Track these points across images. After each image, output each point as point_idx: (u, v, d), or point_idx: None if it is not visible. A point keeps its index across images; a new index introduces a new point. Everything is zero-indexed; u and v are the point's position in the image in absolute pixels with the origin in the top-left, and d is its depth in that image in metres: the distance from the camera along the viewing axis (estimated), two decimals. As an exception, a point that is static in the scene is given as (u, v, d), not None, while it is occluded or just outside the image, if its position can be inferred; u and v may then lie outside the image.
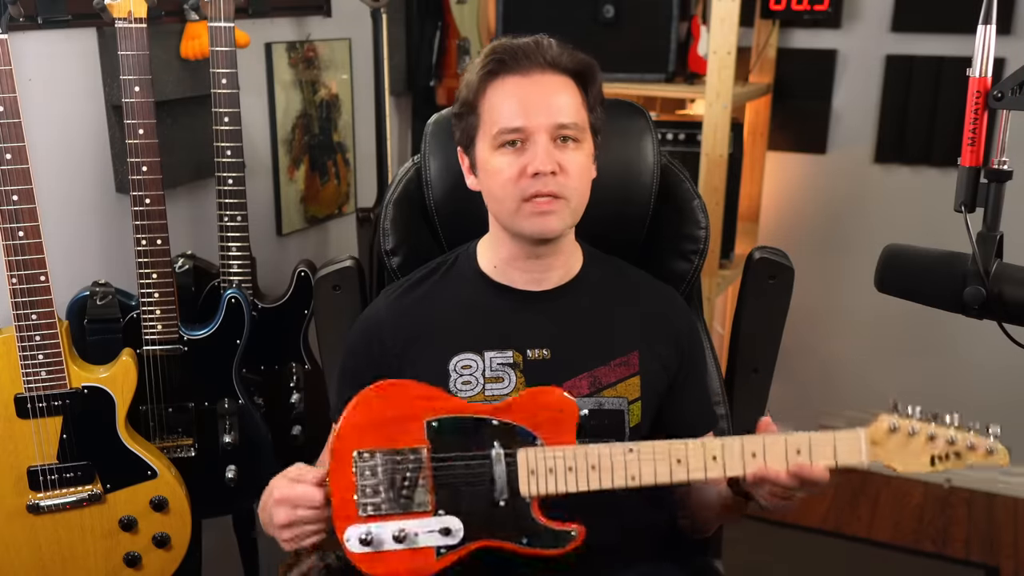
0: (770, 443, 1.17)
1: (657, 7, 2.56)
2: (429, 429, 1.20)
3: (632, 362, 1.36)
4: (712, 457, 1.18)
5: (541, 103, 1.27)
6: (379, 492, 1.19)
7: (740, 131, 2.63)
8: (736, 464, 1.17)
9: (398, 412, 1.21)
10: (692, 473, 1.18)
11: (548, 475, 1.19)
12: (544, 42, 1.30)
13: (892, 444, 1.16)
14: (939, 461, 1.15)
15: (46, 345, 1.55)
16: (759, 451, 1.17)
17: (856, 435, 1.16)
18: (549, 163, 1.25)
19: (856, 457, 1.16)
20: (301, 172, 2.38)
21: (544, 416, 1.22)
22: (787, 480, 1.16)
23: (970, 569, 2.69)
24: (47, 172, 1.73)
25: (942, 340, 2.96)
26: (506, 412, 1.22)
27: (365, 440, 1.20)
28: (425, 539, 1.18)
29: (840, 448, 1.16)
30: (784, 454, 1.16)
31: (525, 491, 1.19)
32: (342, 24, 2.44)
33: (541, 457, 1.19)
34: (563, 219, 1.29)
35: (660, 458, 1.18)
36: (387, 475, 1.19)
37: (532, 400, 1.23)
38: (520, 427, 1.21)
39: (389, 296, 1.42)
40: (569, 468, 1.19)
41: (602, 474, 1.19)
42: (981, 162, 1.12)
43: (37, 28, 1.67)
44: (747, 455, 1.17)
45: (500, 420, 1.21)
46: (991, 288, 1.11)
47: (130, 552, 1.70)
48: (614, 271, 1.45)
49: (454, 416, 1.22)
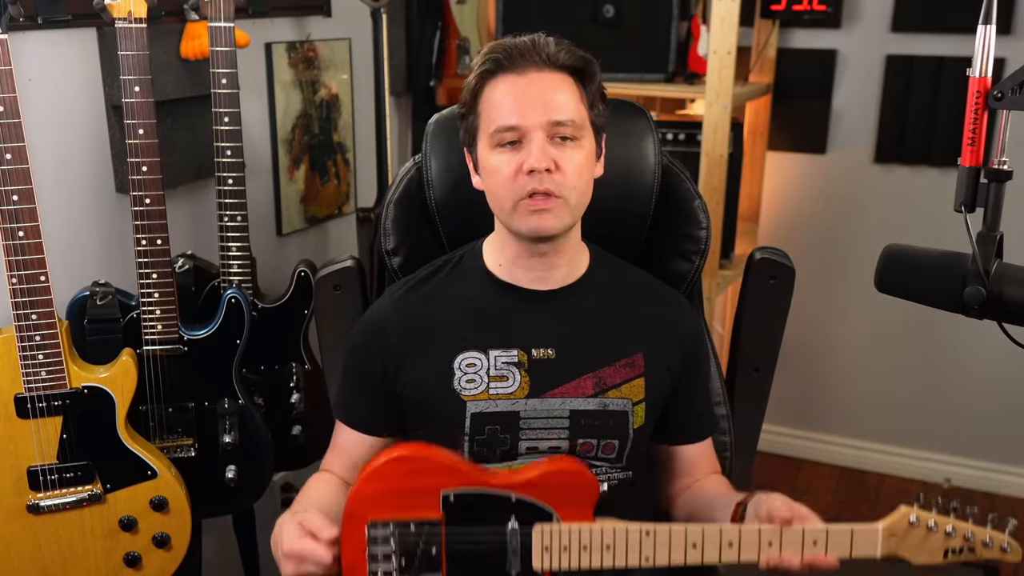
0: (787, 535, 1.16)
1: (657, 7, 2.56)
2: (445, 502, 1.20)
3: (637, 363, 1.36)
4: (728, 543, 1.18)
5: (537, 101, 1.26)
6: (391, 561, 1.18)
7: (740, 131, 2.63)
8: (751, 552, 1.17)
9: (414, 482, 1.20)
10: (707, 557, 1.18)
11: (562, 552, 1.19)
12: (541, 40, 1.30)
13: (910, 539, 1.16)
14: (952, 555, 1.16)
15: (46, 345, 1.55)
16: (775, 541, 1.17)
17: (874, 529, 1.16)
18: (544, 160, 1.25)
19: (871, 551, 1.16)
20: (301, 172, 2.38)
21: (564, 492, 1.21)
22: (799, 568, 1.17)
23: (970, 569, 2.68)
24: (47, 172, 1.73)
25: (942, 340, 2.96)
26: (525, 487, 1.21)
27: (379, 508, 1.19)
28: None
29: (857, 542, 1.16)
30: (800, 545, 1.16)
31: (537, 566, 1.19)
32: (342, 24, 2.44)
33: (556, 533, 1.19)
34: (560, 218, 1.28)
35: (676, 542, 1.18)
36: (400, 546, 1.18)
37: (553, 473, 1.23)
38: (538, 504, 1.21)
39: (394, 294, 1.42)
40: (584, 547, 1.19)
41: (616, 554, 1.18)
42: (981, 162, 1.12)
43: (37, 28, 1.67)
44: (763, 543, 1.17)
45: (518, 496, 1.21)
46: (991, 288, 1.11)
47: (130, 552, 1.70)
48: (620, 272, 1.45)
49: (471, 490, 1.21)
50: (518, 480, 1.22)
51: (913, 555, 1.16)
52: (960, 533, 1.15)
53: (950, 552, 1.15)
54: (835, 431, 3.18)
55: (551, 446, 1.33)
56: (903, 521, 1.15)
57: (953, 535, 1.15)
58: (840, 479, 3.12)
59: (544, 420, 1.32)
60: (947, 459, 3.07)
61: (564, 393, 1.33)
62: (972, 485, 3.06)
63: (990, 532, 1.15)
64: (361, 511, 1.19)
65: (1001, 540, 1.14)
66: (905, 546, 1.16)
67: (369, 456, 1.41)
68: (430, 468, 1.21)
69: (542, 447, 1.33)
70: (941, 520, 1.15)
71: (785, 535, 1.16)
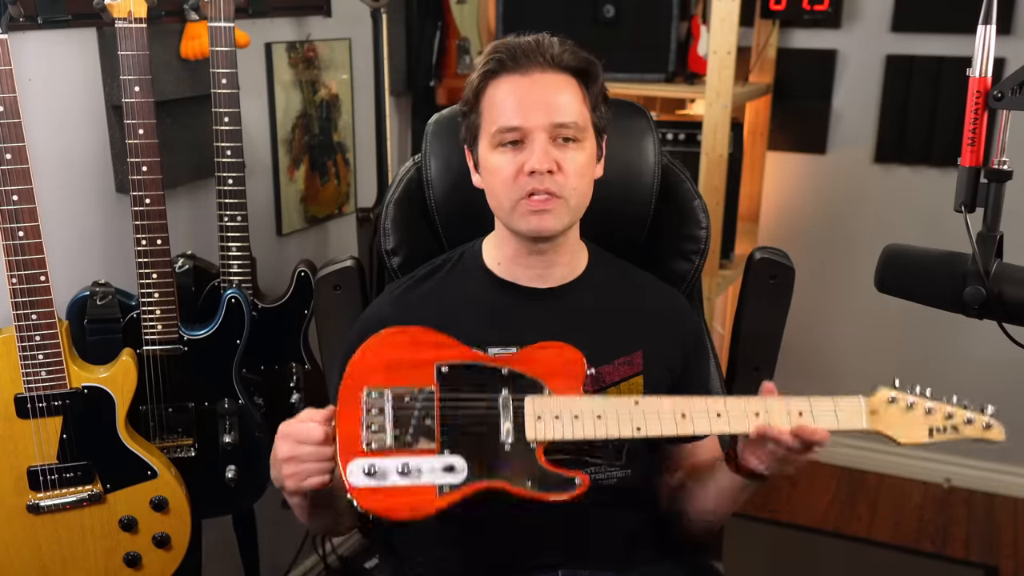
0: (773, 405, 1.19)
1: (657, 7, 2.56)
2: (439, 373, 1.22)
3: (636, 361, 1.36)
4: (716, 414, 1.20)
5: (540, 102, 1.27)
6: (385, 428, 1.19)
7: (740, 131, 2.63)
8: (740, 422, 1.19)
9: (408, 356, 1.23)
10: (697, 427, 1.20)
11: (554, 422, 1.20)
12: (545, 41, 1.30)
13: (891, 415, 1.19)
14: (937, 433, 1.18)
15: (46, 345, 1.55)
16: (762, 411, 1.19)
17: (856, 401, 1.19)
18: (546, 162, 1.25)
19: (857, 422, 1.19)
20: (301, 172, 2.38)
21: (553, 368, 1.24)
22: (789, 440, 1.17)
23: (970, 569, 2.69)
24: (47, 172, 1.73)
25: (942, 340, 2.96)
26: (516, 362, 1.24)
27: (374, 380, 1.21)
28: (428, 476, 1.18)
29: (841, 412, 1.19)
30: (787, 415, 1.19)
31: (531, 435, 1.20)
32: (342, 24, 2.44)
33: (548, 404, 1.21)
34: (560, 218, 1.29)
35: (665, 412, 1.20)
36: (394, 412, 1.20)
37: (542, 352, 1.25)
38: (529, 377, 1.23)
39: (393, 292, 1.42)
40: (575, 416, 1.20)
41: (608, 423, 1.20)
42: (981, 162, 1.12)
43: (37, 28, 1.67)
44: (749, 415, 1.19)
45: (510, 369, 1.23)
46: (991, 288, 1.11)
47: (130, 552, 1.70)
48: (619, 272, 1.45)
49: (464, 362, 1.24)
50: (510, 358, 1.26)
51: (898, 433, 1.18)
52: (940, 411, 1.18)
53: (934, 431, 1.18)
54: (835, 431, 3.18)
55: (550, 444, 1.33)
56: (883, 397, 1.19)
57: (934, 413, 1.18)
58: (840, 479, 3.12)
59: (543, 418, 1.32)
60: (947, 459, 3.07)
61: None
62: (972, 485, 3.06)
63: (970, 411, 1.18)
64: (356, 384, 1.21)
65: (983, 419, 1.17)
66: (889, 423, 1.19)
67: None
68: (425, 343, 1.24)
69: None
70: (919, 400, 1.19)
71: (771, 406, 1.19)
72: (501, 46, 1.31)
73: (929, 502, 3.00)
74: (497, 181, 1.29)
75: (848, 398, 1.20)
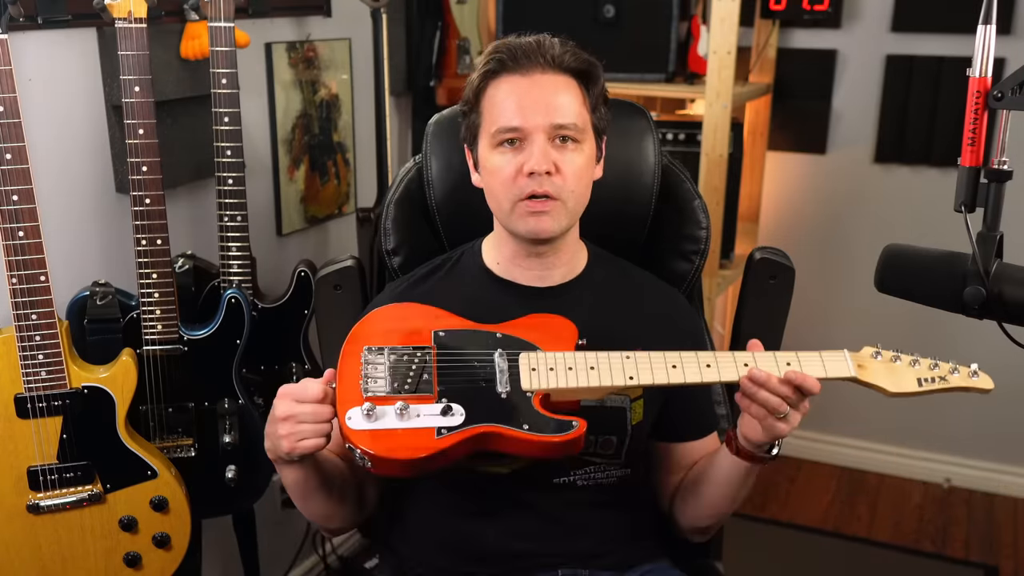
0: (760, 356, 1.22)
1: (657, 7, 2.56)
2: (436, 337, 1.26)
3: (635, 360, 1.36)
4: (707, 364, 1.22)
5: (539, 103, 1.27)
6: (384, 378, 1.22)
7: (740, 131, 2.63)
8: (730, 370, 1.21)
9: (408, 324, 1.28)
10: (688, 377, 1.22)
11: (548, 373, 1.22)
12: (546, 41, 1.30)
13: (877, 368, 1.21)
14: (925, 383, 1.20)
15: (46, 345, 1.55)
16: (750, 362, 1.21)
17: (840, 353, 1.22)
18: (544, 163, 1.25)
19: (844, 370, 1.21)
20: (301, 172, 2.38)
21: (546, 333, 1.28)
22: (780, 387, 1.17)
23: (970, 569, 2.69)
24: (47, 172, 1.73)
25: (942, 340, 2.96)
26: (508, 327, 1.28)
27: (374, 341, 1.25)
28: (427, 419, 1.19)
29: (828, 363, 1.21)
30: (775, 365, 1.21)
31: (527, 385, 1.22)
32: (342, 24, 2.44)
33: (542, 358, 1.24)
34: (558, 220, 1.29)
35: (656, 362, 1.23)
36: (392, 366, 1.23)
37: (535, 319, 1.30)
38: (523, 339, 1.27)
39: (394, 291, 1.43)
40: (569, 367, 1.23)
41: (601, 373, 1.22)
42: (981, 162, 1.12)
43: (37, 28, 1.67)
44: (739, 365, 1.21)
45: (504, 333, 1.27)
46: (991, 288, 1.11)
47: (130, 552, 1.70)
48: (619, 271, 1.45)
49: (460, 328, 1.28)
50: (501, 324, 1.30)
51: (888, 383, 1.20)
52: (925, 363, 1.21)
53: (922, 380, 1.20)
54: (835, 431, 3.18)
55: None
56: (866, 353, 1.22)
57: (919, 365, 1.21)
58: (840, 479, 3.12)
59: (543, 417, 1.33)
60: (947, 459, 3.07)
61: None
62: (972, 485, 3.06)
63: (954, 364, 1.21)
64: (356, 347, 1.25)
65: (967, 369, 1.21)
66: (876, 375, 1.21)
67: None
68: (423, 314, 1.30)
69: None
70: (904, 355, 1.22)
71: (758, 358, 1.22)
72: (502, 46, 1.31)
73: (929, 502, 3.00)
74: (496, 181, 1.29)
75: (833, 352, 1.22)
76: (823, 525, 2.88)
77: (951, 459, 3.07)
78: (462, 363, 1.24)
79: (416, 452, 1.17)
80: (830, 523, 2.89)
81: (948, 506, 2.98)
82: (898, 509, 2.95)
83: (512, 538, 1.35)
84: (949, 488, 3.07)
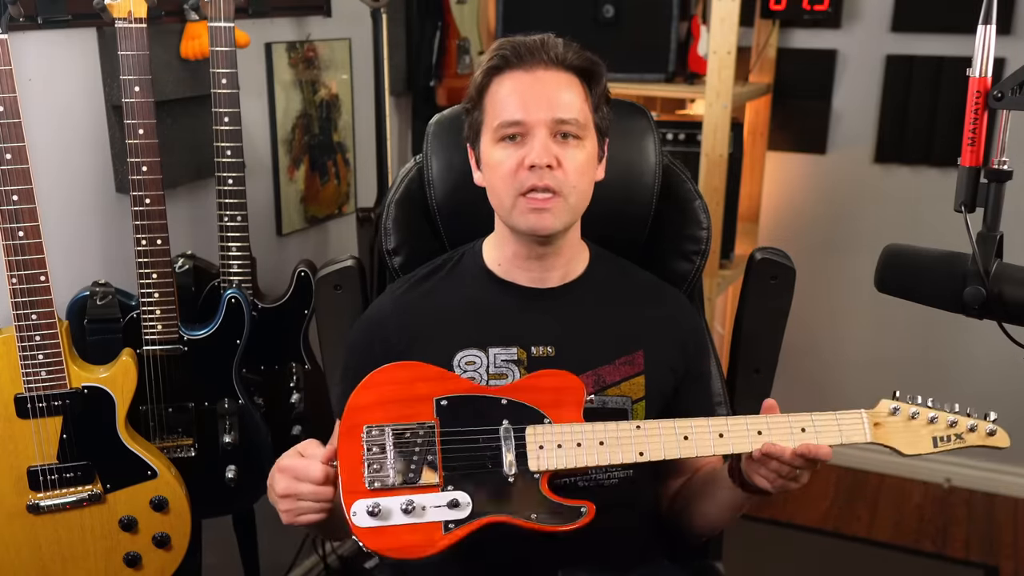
0: (774, 423, 1.19)
1: (657, 7, 2.56)
2: (438, 407, 1.22)
3: (637, 361, 1.36)
4: (719, 435, 1.20)
5: (542, 98, 1.27)
6: (387, 466, 1.18)
7: (740, 131, 2.63)
8: (743, 442, 1.19)
9: (407, 391, 1.22)
10: (699, 450, 1.20)
11: (557, 450, 1.19)
12: (550, 40, 1.30)
13: (894, 426, 1.19)
14: (941, 442, 1.19)
15: (46, 345, 1.55)
16: (764, 430, 1.19)
17: (858, 415, 1.20)
18: (546, 156, 1.25)
19: (860, 435, 1.19)
20: (301, 172, 2.38)
21: (552, 396, 1.23)
22: (792, 458, 1.17)
23: (970, 569, 2.69)
24: (47, 172, 1.73)
25: (942, 340, 2.96)
26: (514, 392, 1.24)
27: (374, 418, 1.21)
28: (433, 513, 1.17)
29: (844, 427, 1.19)
30: (789, 433, 1.19)
31: (534, 466, 1.19)
32: (342, 24, 2.44)
33: (550, 433, 1.20)
34: (559, 216, 1.29)
35: (667, 435, 1.20)
36: (396, 449, 1.19)
37: (540, 381, 1.25)
38: (529, 406, 1.23)
39: (394, 292, 1.42)
40: (578, 444, 1.20)
41: (611, 450, 1.20)
42: (981, 162, 1.11)
43: (37, 28, 1.67)
44: (752, 433, 1.19)
45: (509, 399, 1.23)
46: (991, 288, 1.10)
47: (130, 552, 1.70)
48: (620, 271, 1.45)
49: (463, 395, 1.23)
50: (508, 388, 1.25)
51: (902, 445, 1.19)
52: (943, 420, 1.18)
53: (938, 440, 1.18)
54: (835, 431, 3.17)
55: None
56: (885, 408, 1.20)
57: (936, 422, 1.18)
58: (840, 479, 3.12)
59: (544, 418, 1.32)
60: (947, 459, 3.07)
61: None
62: (972, 485, 3.06)
63: (972, 419, 1.18)
64: (356, 422, 1.21)
65: (985, 425, 1.18)
66: (892, 435, 1.19)
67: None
68: (422, 377, 1.24)
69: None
70: (922, 409, 1.19)
71: (772, 424, 1.19)
72: (506, 44, 1.31)
73: (929, 502, 3.00)
74: (497, 176, 1.29)
75: (850, 413, 1.20)
76: (823, 525, 2.88)
77: (951, 459, 3.07)
78: (467, 441, 1.21)
79: (424, 551, 1.17)
80: (830, 523, 2.89)
81: (948, 506, 2.98)
82: (898, 509, 2.95)
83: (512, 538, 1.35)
84: (949, 488, 3.07)
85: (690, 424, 1.20)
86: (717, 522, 1.40)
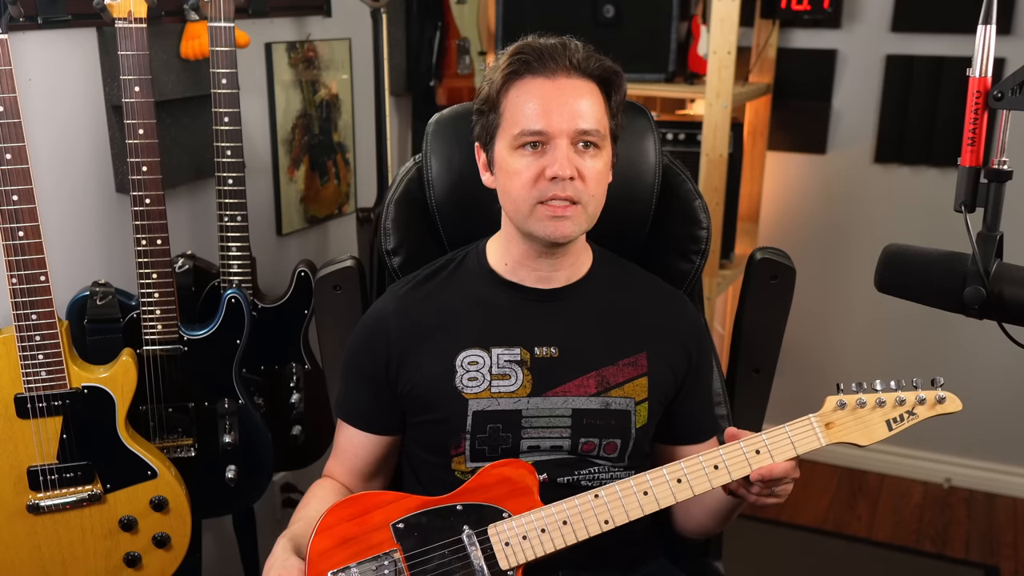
0: (728, 454, 1.19)
1: (657, 7, 2.56)
2: (396, 532, 1.21)
3: (640, 363, 1.36)
4: (677, 480, 1.20)
5: (564, 107, 1.26)
6: None
7: (740, 131, 2.63)
8: (702, 482, 1.19)
9: (362, 525, 1.21)
10: (662, 501, 1.20)
11: (523, 543, 1.20)
12: (572, 45, 1.29)
13: (845, 421, 1.20)
14: (895, 424, 1.19)
15: (46, 345, 1.55)
16: (720, 464, 1.20)
17: (807, 422, 1.21)
18: (569, 168, 1.25)
19: (814, 442, 1.20)
20: (301, 172, 2.38)
21: (505, 489, 1.23)
22: (754, 486, 1.19)
23: (970, 569, 2.69)
24: (47, 172, 1.73)
25: (942, 340, 2.96)
26: (466, 495, 1.23)
27: (336, 561, 1.19)
28: None
29: (796, 439, 1.20)
30: (745, 460, 1.19)
31: (505, 564, 1.20)
32: (342, 24, 2.44)
33: (512, 528, 1.20)
34: (578, 224, 1.29)
35: (627, 495, 1.20)
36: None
37: (487, 477, 1.25)
38: (485, 505, 1.22)
39: (397, 292, 1.42)
40: (542, 530, 1.20)
41: (575, 528, 1.20)
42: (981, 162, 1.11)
43: (37, 28, 1.67)
44: (708, 469, 1.19)
45: (463, 504, 1.23)
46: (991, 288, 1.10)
47: (130, 552, 1.70)
48: (624, 273, 1.45)
49: (417, 512, 1.23)
50: (457, 492, 1.25)
51: (858, 438, 1.19)
52: (891, 400, 1.19)
53: (892, 422, 1.19)
54: (835, 431, 3.18)
55: (553, 445, 1.33)
56: (831, 406, 1.20)
57: (885, 404, 1.19)
58: (840, 479, 3.12)
59: (546, 419, 1.33)
60: (947, 459, 3.07)
61: (566, 392, 1.33)
62: (972, 485, 3.06)
63: (920, 391, 1.19)
64: (321, 570, 1.19)
65: (934, 393, 1.18)
66: (845, 431, 1.19)
67: (371, 457, 1.42)
68: (373, 506, 1.23)
69: (544, 446, 1.33)
70: (868, 396, 1.19)
71: (726, 454, 1.19)
72: (525, 47, 1.29)
73: (929, 502, 3.00)
74: (516, 184, 1.28)
75: (799, 421, 1.21)
76: (823, 525, 2.88)
77: (951, 459, 3.07)
78: (434, 558, 1.20)
79: None
80: (830, 523, 2.89)
81: (948, 506, 2.98)
82: (898, 509, 2.95)
83: None
84: (949, 488, 3.07)
85: (646, 478, 1.21)
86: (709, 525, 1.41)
